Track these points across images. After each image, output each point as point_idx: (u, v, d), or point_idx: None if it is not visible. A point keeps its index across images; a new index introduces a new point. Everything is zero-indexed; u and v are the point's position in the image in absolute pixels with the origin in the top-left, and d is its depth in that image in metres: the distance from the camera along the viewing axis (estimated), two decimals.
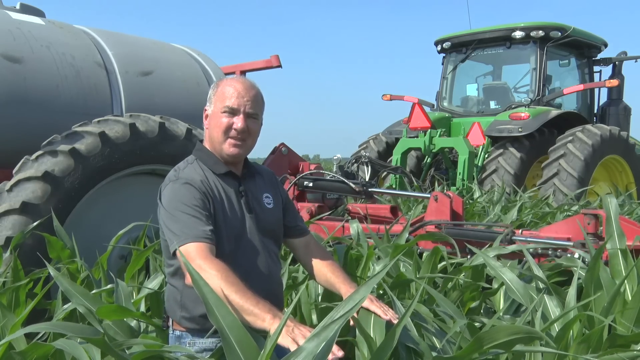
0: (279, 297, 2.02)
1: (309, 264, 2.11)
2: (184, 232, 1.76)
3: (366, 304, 1.78)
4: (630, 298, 2.18)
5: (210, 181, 1.92)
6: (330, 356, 1.37)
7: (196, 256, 1.70)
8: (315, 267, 2.08)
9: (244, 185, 2.00)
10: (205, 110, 1.99)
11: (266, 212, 2.02)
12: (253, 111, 1.93)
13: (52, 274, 1.89)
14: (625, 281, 2.23)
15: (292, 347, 1.45)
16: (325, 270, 2.05)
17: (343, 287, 1.96)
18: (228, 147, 1.93)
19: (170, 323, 1.98)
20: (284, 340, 1.48)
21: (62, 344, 1.51)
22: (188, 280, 1.69)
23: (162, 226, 1.88)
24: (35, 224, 2.79)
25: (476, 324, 2.16)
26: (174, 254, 1.80)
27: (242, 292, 1.61)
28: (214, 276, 1.63)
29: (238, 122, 1.90)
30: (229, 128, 1.91)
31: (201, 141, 2.05)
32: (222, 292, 1.59)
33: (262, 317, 1.56)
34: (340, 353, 1.42)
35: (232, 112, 1.90)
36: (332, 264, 2.09)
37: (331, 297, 2.42)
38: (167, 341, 1.99)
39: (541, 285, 2.25)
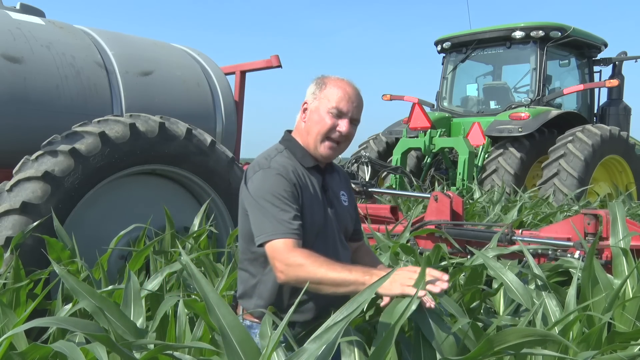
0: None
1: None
2: (273, 227, 1.76)
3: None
4: (630, 297, 2.18)
5: (300, 172, 1.91)
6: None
7: (283, 252, 1.73)
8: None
9: (326, 180, 2.00)
10: (306, 103, 1.96)
11: (343, 209, 2.03)
12: (357, 118, 1.93)
13: (57, 271, 1.89)
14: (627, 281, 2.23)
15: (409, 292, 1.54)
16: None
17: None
18: (324, 149, 1.91)
19: (240, 312, 1.95)
20: (394, 290, 1.57)
21: (61, 346, 1.49)
22: (279, 278, 1.74)
23: (245, 211, 1.87)
24: (35, 224, 2.78)
25: (479, 324, 2.16)
26: (260, 245, 1.79)
27: (332, 266, 1.66)
28: (301, 266, 1.68)
29: (343, 125, 1.89)
30: (332, 129, 1.89)
31: (289, 131, 2.03)
32: (316, 276, 1.64)
33: (362, 281, 1.61)
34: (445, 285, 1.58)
35: (339, 114, 1.89)
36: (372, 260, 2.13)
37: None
38: None
39: (540, 285, 2.24)
